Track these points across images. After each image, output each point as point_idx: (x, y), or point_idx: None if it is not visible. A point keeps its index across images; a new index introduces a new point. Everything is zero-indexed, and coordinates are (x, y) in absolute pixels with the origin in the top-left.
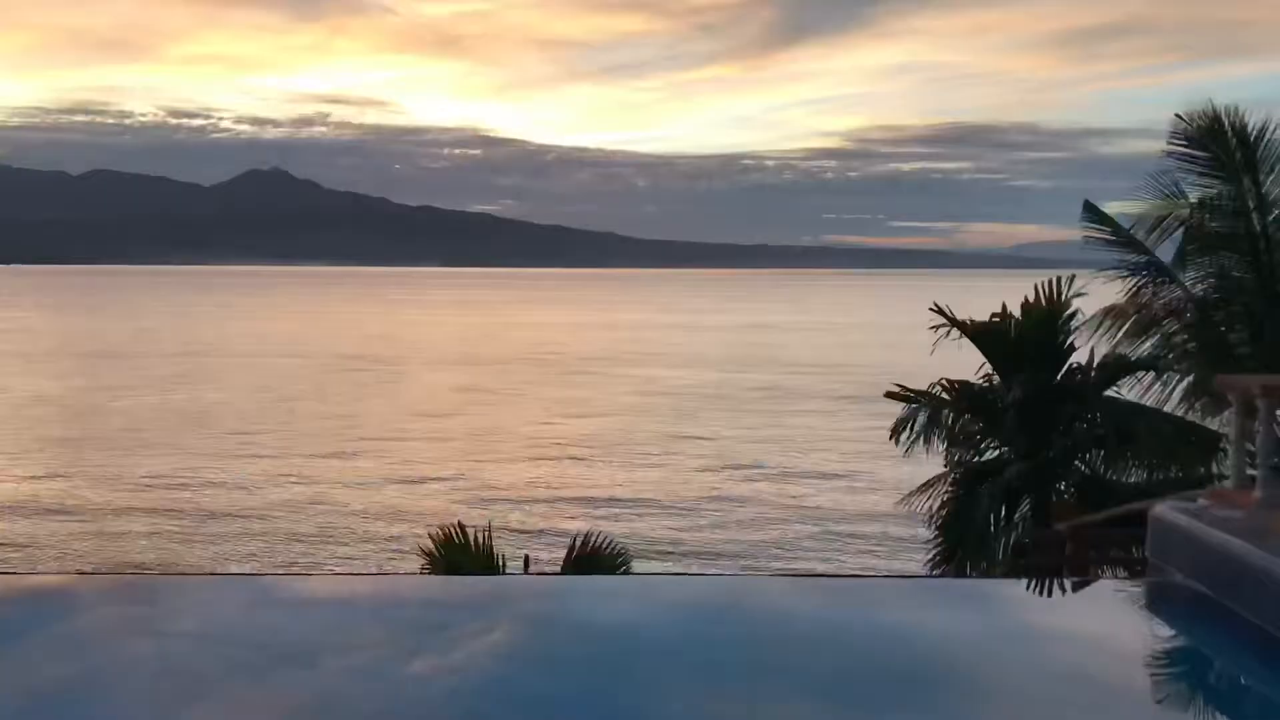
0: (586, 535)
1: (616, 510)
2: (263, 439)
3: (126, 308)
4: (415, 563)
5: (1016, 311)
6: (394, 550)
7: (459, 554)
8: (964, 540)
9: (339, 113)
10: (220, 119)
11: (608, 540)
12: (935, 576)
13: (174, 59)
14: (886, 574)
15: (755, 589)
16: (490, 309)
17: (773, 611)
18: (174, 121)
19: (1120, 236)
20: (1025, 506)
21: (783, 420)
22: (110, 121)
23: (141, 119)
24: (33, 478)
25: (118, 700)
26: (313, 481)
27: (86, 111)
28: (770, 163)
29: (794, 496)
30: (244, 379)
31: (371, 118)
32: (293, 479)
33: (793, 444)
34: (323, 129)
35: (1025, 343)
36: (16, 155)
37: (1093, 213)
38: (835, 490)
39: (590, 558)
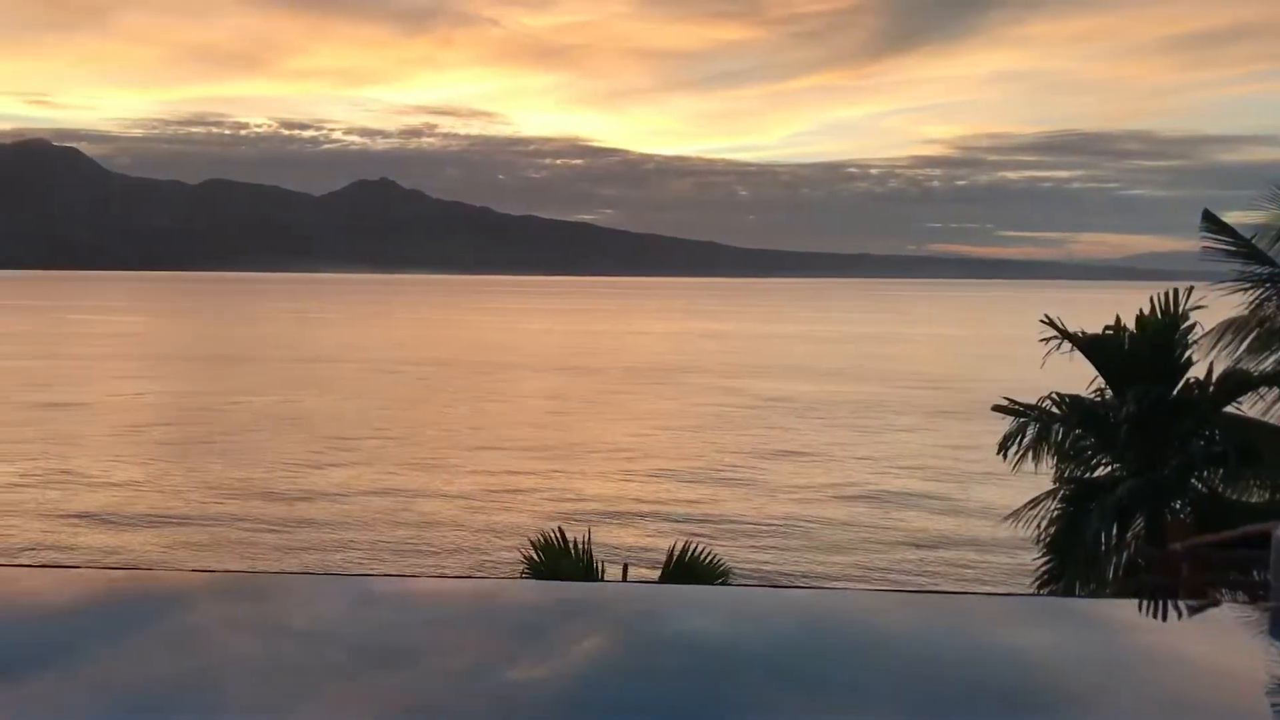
0: (685, 545)
1: (710, 520)
2: (362, 443)
3: (236, 314)
4: (515, 567)
5: (1131, 324)
6: (493, 554)
7: (559, 559)
8: (1073, 558)
9: (445, 124)
10: (331, 130)
11: (706, 550)
12: (1042, 595)
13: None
14: (991, 591)
15: (854, 603)
16: (588, 318)
17: (872, 627)
18: (287, 133)
19: (1241, 247)
20: (1138, 525)
21: (880, 433)
22: (226, 133)
23: (256, 130)
24: (145, 478)
25: (227, 696)
26: (411, 485)
27: (204, 123)
28: (874, 171)
29: (891, 511)
30: (347, 384)
31: (476, 129)
32: (391, 482)
33: (889, 457)
34: (429, 140)
35: (1140, 356)
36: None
37: (1212, 222)
38: (934, 505)
39: (688, 567)
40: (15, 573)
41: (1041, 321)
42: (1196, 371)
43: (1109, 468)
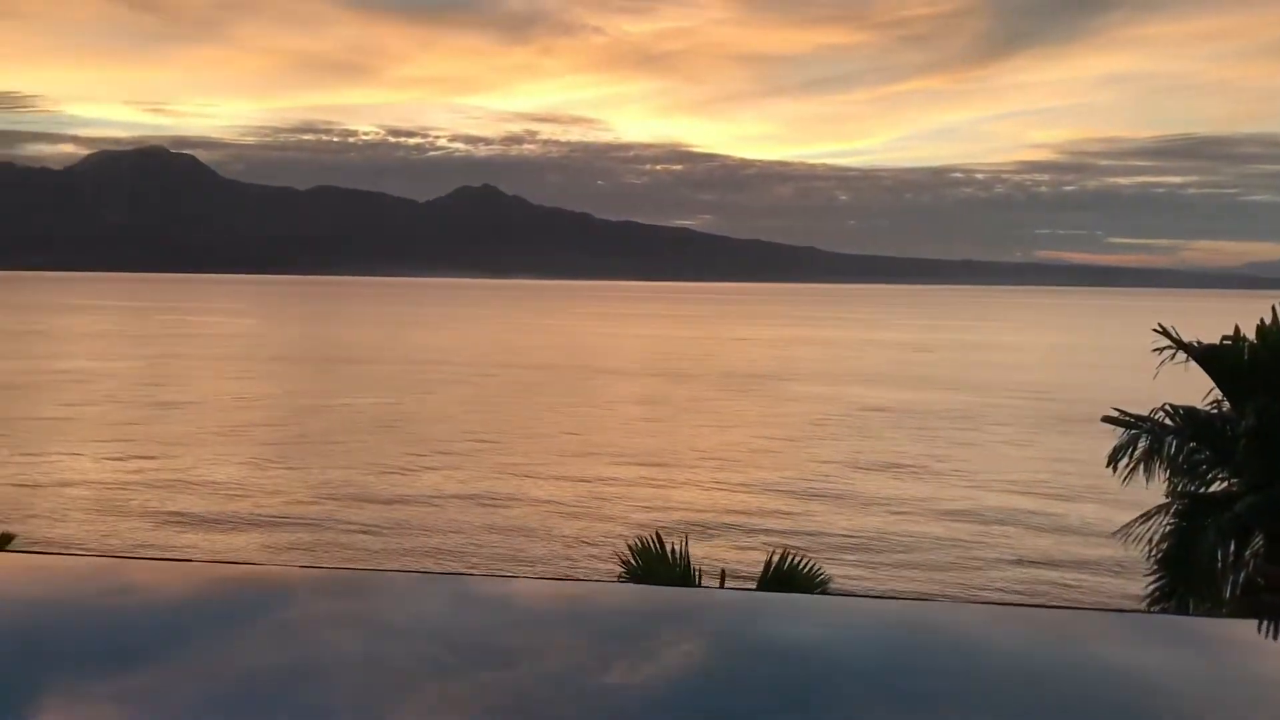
0: (784, 553)
1: (805, 531)
2: (458, 445)
3: (341, 316)
4: (611, 571)
5: (1250, 334)
6: (587, 559)
7: (655, 565)
8: (1186, 576)
9: (546, 131)
10: (435, 138)
11: (804, 559)
12: (1154, 613)
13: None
14: (1099, 607)
15: (955, 616)
16: (685, 323)
17: (973, 640)
18: (393, 140)
19: None
20: (1257, 543)
21: (980, 445)
22: (335, 140)
23: (364, 138)
24: (250, 476)
25: (329, 690)
26: (506, 488)
27: (314, 131)
28: (980, 176)
29: (991, 526)
30: (445, 387)
31: (576, 135)
32: (486, 484)
33: (990, 470)
34: (530, 147)
35: (1261, 367)
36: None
37: None
38: (1037, 520)
39: (786, 576)
40: (132, 565)
41: (1155, 331)
42: None
43: (1225, 483)
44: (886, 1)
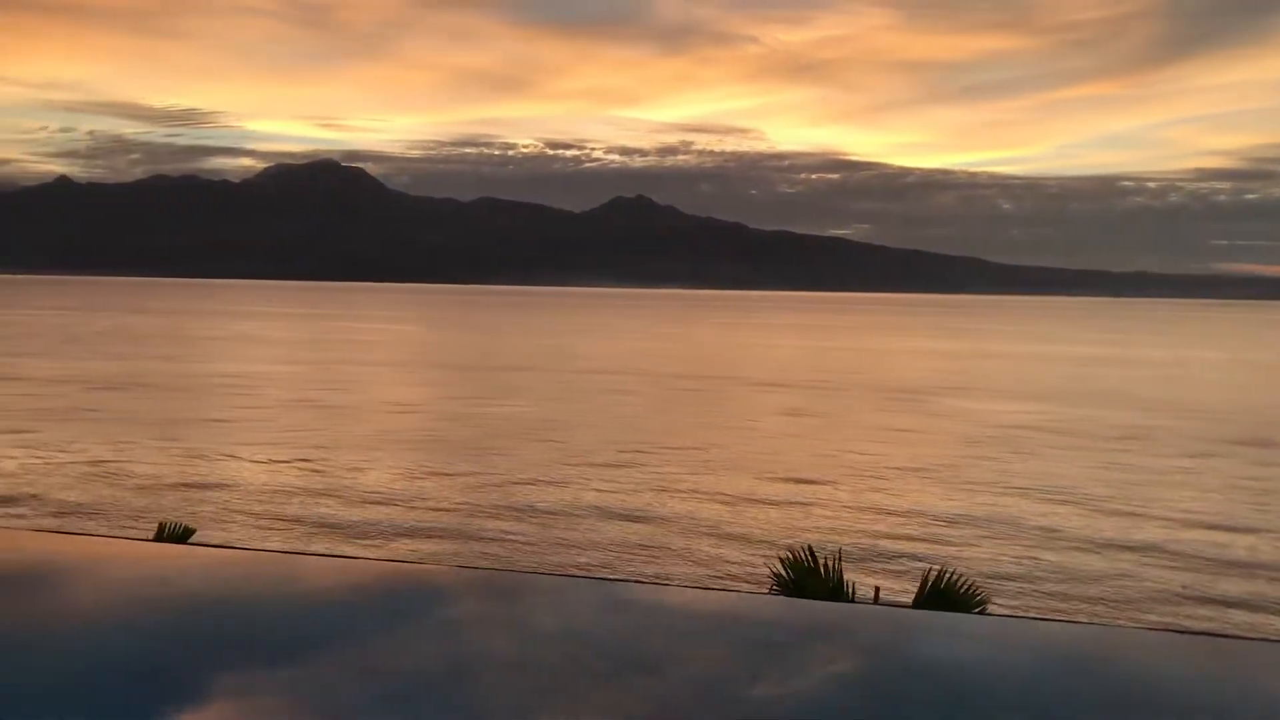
0: (940, 570)
1: (958, 547)
2: (606, 453)
3: (499, 324)
4: (761, 582)
5: None
6: (731, 570)
7: (807, 578)
8: None
9: (701, 141)
10: (592, 149)
11: (962, 577)
12: None
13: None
14: (1276, 639)
15: (1122, 641)
16: (838, 334)
17: (1143, 669)
18: (551, 152)
19: None
20: None
21: (1141, 463)
22: (496, 153)
23: (523, 150)
24: (409, 479)
25: (479, 691)
26: (650, 495)
27: (476, 144)
28: (1152, 184)
29: (1151, 545)
30: (594, 395)
31: (731, 145)
32: (636, 491)
33: (1156, 496)
34: (685, 157)
35: None
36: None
37: None
38: (1205, 541)
39: (943, 593)
40: (301, 560)
41: None
42: None
43: None
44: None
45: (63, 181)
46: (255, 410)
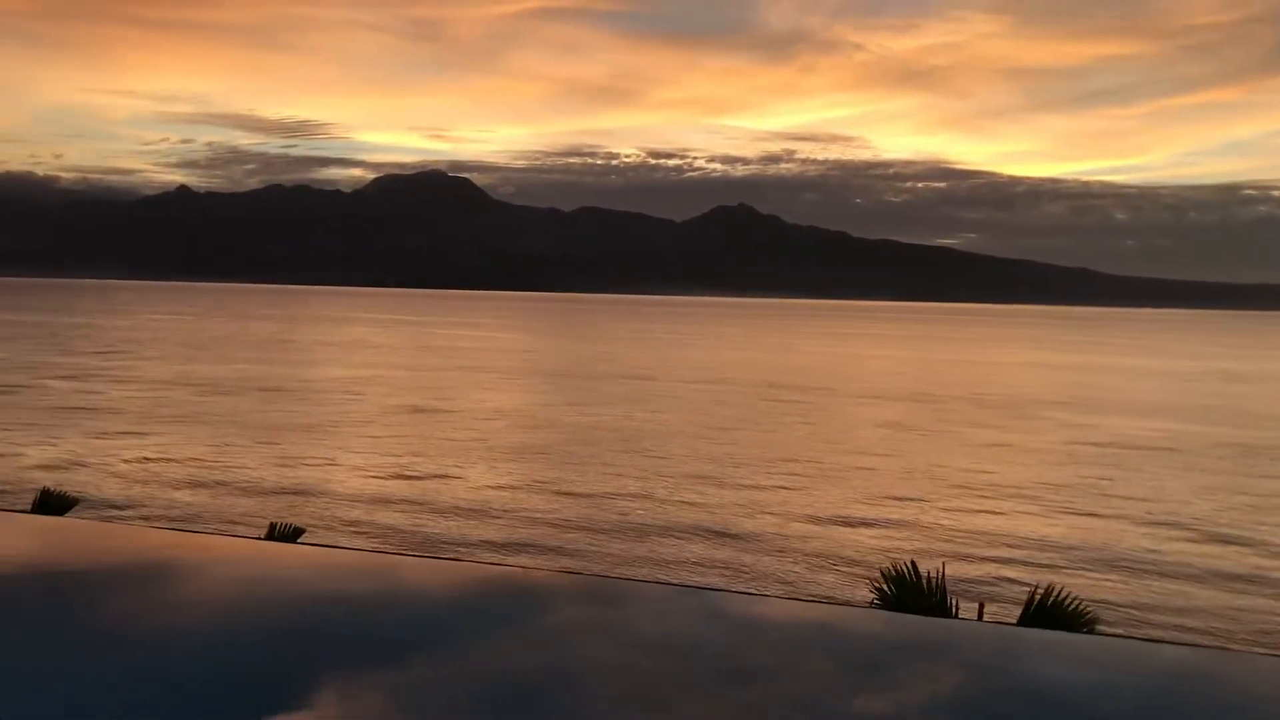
0: (1048, 588)
1: (1063, 566)
2: (700, 463)
3: (599, 333)
4: (861, 594)
5: None
6: (837, 581)
7: (910, 592)
8: None
9: (804, 149)
10: (694, 159)
11: (1069, 595)
12: None
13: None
14: None
15: (1234, 665)
16: (943, 345)
17: (1253, 692)
18: (653, 162)
19: None
20: None
21: (1258, 486)
22: (598, 163)
23: (626, 159)
24: (509, 483)
25: (579, 695)
26: (751, 506)
27: (579, 154)
28: (1276, 193)
29: (1263, 570)
30: (695, 404)
31: (835, 153)
32: (732, 501)
33: (1267, 514)
34: (788, 165)
35: None
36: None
37: None
38: None
39: (1049, 612)
40: (405, 561)
41: None
42: None
43: None
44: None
45: (183, 191)
46: (360, 414)
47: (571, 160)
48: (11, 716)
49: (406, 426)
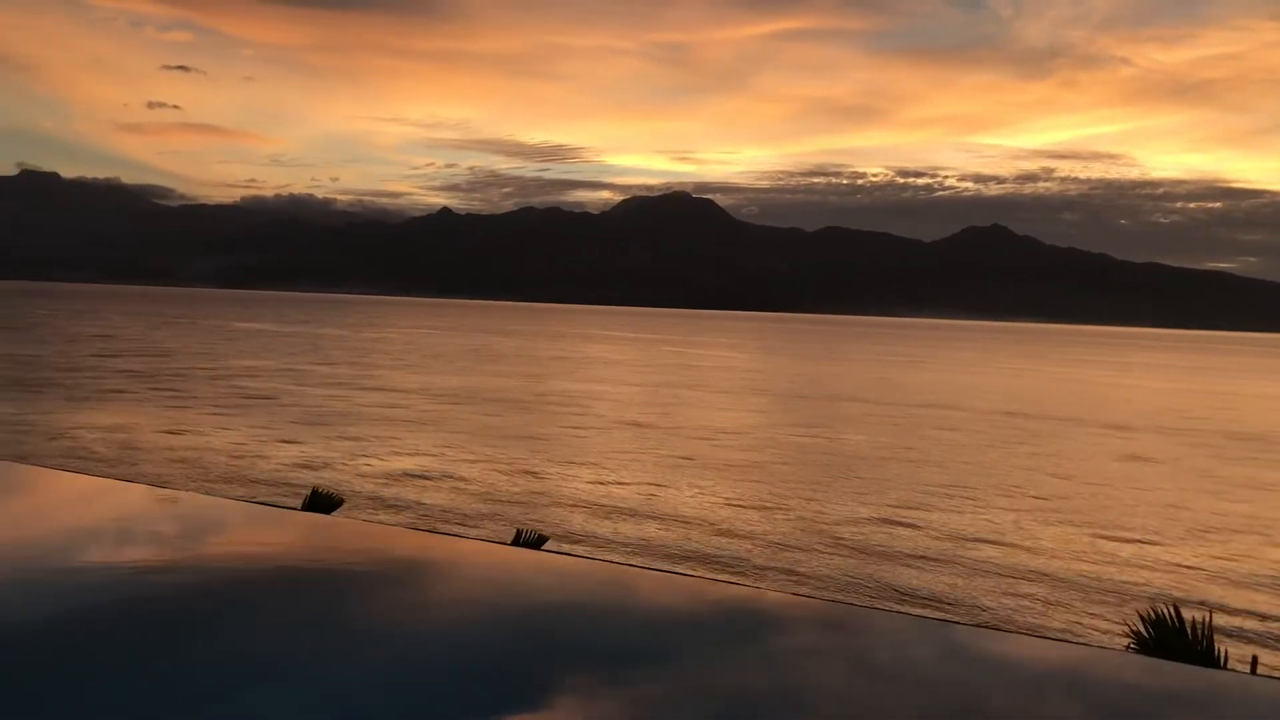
0: None
1: None
2: (929, 491)
3: (837, 354)
4: (1113, 637)
5: None
6: (1089, 621)
7: (1172, 638)
8: None
9: (1063, 168)
10: (945, 178)
11: None
12: None
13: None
14: None
15: None
16: (1210, 375)
17: None
18: (901, 181)
19: None
20: None
21: None
22: (844, 183)
23: (872, 179)
24: (730, 501)
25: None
26: (992, 538)
27: (824, 174)
28: None
29: None
30: (927, 431)
31: (1097, 172)
32: (962, 532)
33: None
34: (1045, 185)
35: None
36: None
37: None
38: None
39: None
40: (635, 573)
41: None
42: None
43: None
44: None
45: (445, 213)
46: (598, 427)
47: (816, 180)
48: (276, 702)
49: (633, 441)
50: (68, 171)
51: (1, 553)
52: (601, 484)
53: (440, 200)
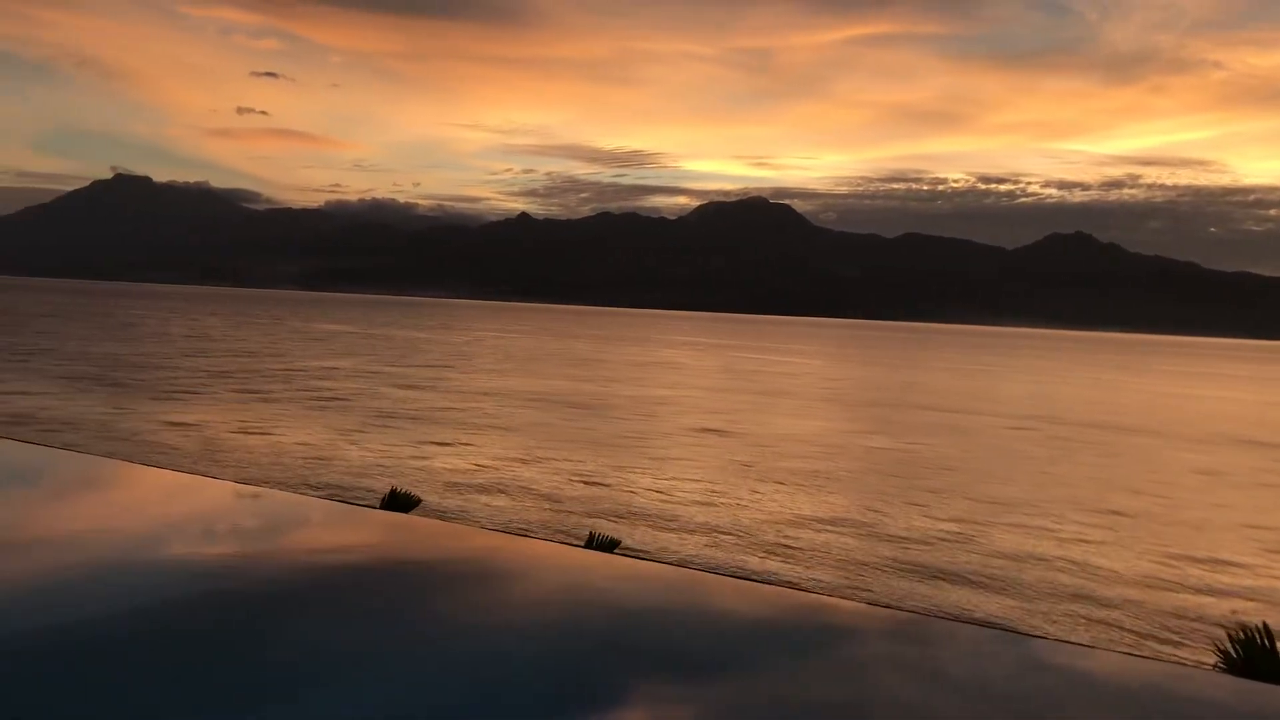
0: None
1: None
2: (998, 502)
3: (910, 363)
4: (1199, 655)
5: None
6: (1165, 637)
7: (1262, 659)
8: None
9: (1150, 174)
10: (1027, 184)
11: None
12: None
13: (987, 127)
14: None
15: None
16: None
17: None
18: (983, 187)
19: None
20: None
21: None
22: (924, 189)
23: (953, 185)
24: (799, 508)
25: None
26: (1061, 550)
27: (904, 180)
28: None
29: None
30: (1001, 442)
31: (1185, 179)
32: (1030, 543)
33: None
34: (1131, 191)
35: None
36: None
37: None
38: None
39: None
40: (707, 579)
41: None
42: None
43: None
44: None
45: (523, 218)
46: (658, 431)
47: (895, 186)
48: (352, 698)
49: (706, 447)
50: (159, 175)
51: (89, 546)
52: (678, 488)
53: (519, 205)
